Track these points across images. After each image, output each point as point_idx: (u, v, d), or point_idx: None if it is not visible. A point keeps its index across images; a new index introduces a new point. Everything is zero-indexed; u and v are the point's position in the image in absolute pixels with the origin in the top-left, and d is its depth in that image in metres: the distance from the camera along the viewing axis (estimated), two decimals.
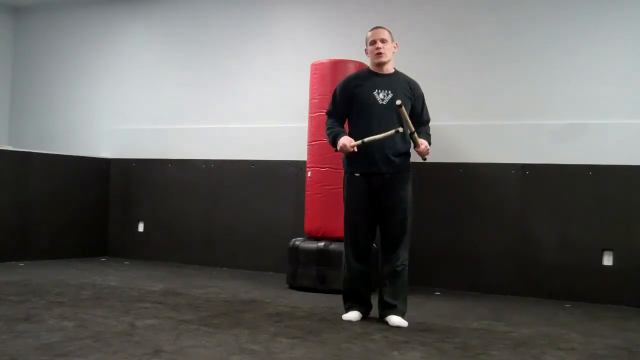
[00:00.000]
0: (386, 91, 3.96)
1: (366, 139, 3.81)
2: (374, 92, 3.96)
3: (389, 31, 4.03)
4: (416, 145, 3.91)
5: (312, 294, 5.03)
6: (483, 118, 5.61)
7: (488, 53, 5.70)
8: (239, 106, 6.78)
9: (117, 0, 7.60)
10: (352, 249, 4.05)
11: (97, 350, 2.91)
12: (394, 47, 4.04)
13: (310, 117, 5.46)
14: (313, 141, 5.39)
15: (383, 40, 3.97)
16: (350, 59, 5.42)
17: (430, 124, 4.18)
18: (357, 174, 3.99)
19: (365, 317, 4.05)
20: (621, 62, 5.26)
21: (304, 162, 5.60)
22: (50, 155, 6.86)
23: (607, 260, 5.13)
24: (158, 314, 3.89)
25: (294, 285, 5.29)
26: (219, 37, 6.97)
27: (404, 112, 3.81)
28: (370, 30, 4.06)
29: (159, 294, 4.71)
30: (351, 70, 5.33)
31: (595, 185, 5.21)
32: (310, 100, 5.47)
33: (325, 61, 5.42)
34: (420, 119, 4.07)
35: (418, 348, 3.26)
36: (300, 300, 4.68)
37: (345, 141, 3.87)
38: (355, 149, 3.84)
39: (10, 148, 6.76)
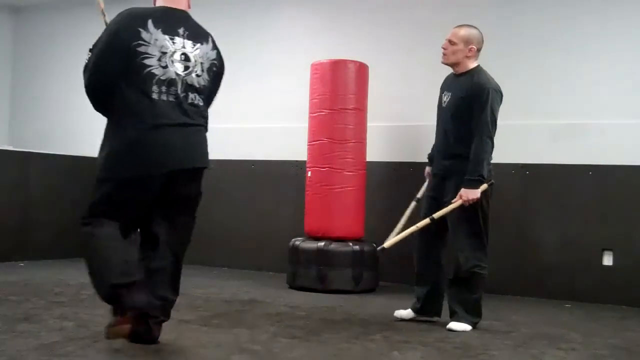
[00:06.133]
0: (449, 93, 3.95)
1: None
2: (443, 94, 4.01)
3: (466, 34, 3.88)
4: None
5: (312, 294, 5.03)
6: None
7: (487, 53, 5.61)
8: (239, 106, 6.76)
9: (117, 1, 7.57)
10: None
11: (97, 351, 2.91)
12: (469, 51, 3.86)
13: (311, 117, 5.45)
14: (313, 141, 5.39)
15: (451, 42, 3.88)
16: (350, 59, 5.42)
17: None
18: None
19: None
20: (621, 62, 5.25)
21: (304, 162, 5.59)
22: (50, 155, 6.85)
23: (607, 260, 5.13)
24: None
25: (294, 285, 5.28)
26: (219, 37, 6.84)
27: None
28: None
29: None
30: (351, 71, 5.36)
31: (595, 185, 5.20)
32: (310, 100, 5.46)
33: (325, 61, 5.42)
34: (475, 125, 3.82)
35: (418, 348, 3.26)
36: (300, 300, 4.67)
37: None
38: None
39: (10, 148, 6.75)
